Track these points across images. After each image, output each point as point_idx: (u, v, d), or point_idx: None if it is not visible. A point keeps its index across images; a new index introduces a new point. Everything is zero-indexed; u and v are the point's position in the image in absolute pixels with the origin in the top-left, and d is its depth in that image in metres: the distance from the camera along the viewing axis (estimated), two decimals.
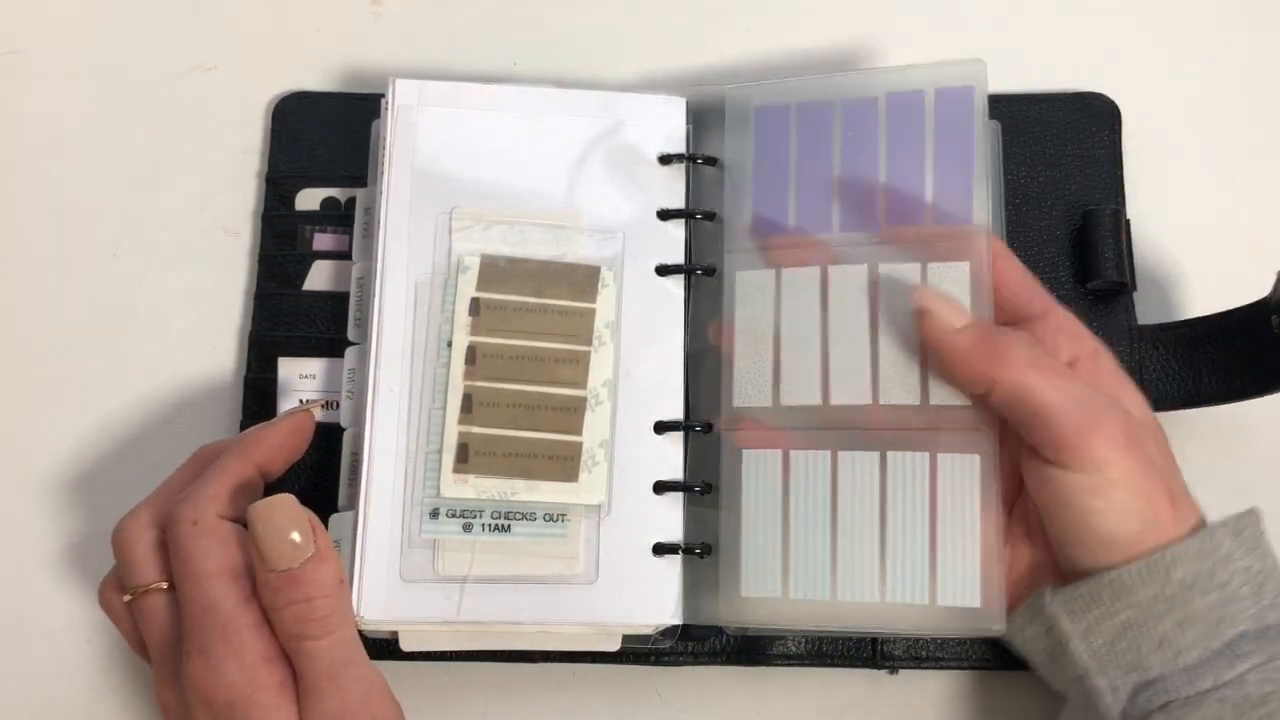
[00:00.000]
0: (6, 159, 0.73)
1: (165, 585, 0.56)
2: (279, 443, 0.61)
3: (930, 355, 0.60)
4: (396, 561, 0.60)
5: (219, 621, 0.54)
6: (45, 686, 0.66)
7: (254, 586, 0.55)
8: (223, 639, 0.54)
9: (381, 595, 0.60)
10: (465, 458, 0.61)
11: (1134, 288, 0.68)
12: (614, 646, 0.62)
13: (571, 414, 0.62)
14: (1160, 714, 0.54)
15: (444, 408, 0.62)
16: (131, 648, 0.59)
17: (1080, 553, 0.57)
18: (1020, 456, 0.59)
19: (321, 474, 0.65)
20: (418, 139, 0.65)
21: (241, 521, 0.56)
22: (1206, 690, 0.54)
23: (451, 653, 0.62)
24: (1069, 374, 0.58)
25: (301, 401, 0.67)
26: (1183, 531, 0.56)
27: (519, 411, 0.62)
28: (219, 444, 0.62)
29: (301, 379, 0.67)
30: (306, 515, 0.55)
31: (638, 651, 0.63)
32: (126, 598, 0.57)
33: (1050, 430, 0.56)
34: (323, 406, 0.65)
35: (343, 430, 0.64)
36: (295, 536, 0.54)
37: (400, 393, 0.62)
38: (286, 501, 0.55)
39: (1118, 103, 0.71)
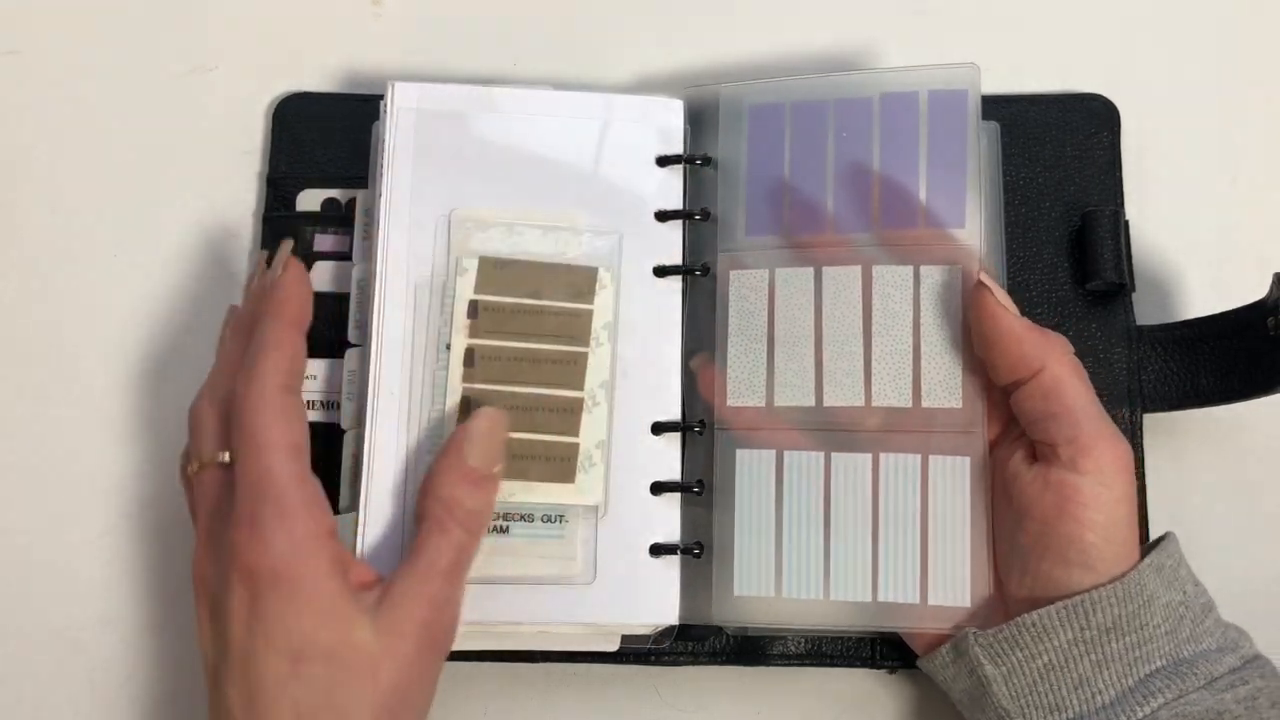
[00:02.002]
0: (6, 159, 0.73)
1: (226, 458, 0.57)
2: (302, 293, 0.61)
3: (981, 331, 0.60)
4: (398, 563, 0.60)
5: (272, 493, 0.54)
6: (46, 686, 0.66)
7: (308, 468, 0.56)
8: (275, 511, 0.54)
9: None
10: None
11: (1133, 289, 0.68)
12: (613, 647, 0.62)
13: (569, 415, 0.62)
14: None
15: (443, 410, 0.62)
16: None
17: (1057, 567, 0.57)
18: (1011, 469, 0.60)
19: (323, 475, 0.64)
20: (416, 142, 0.65)
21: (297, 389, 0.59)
22: None
23: (451, 652, 0.62)
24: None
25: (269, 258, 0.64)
26: (1129, 567, 0.57)
27: (517, 413, 0.62)
28: (248, 309, 0.62)
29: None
30: None
31: (637, 651, 0.64)
32: (194, 467, 0.58)
33: (1077, 429, 0.57)
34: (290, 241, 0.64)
35: (343, 432, 0.64)
36: (500, 451, 0.59)
37: (400, 395, 0.62)
38: (506, 419, 0.60)
39: (1117, 104, 0.71)
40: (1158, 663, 0.56)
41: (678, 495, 0.63)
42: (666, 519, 0.63)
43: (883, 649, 0.65)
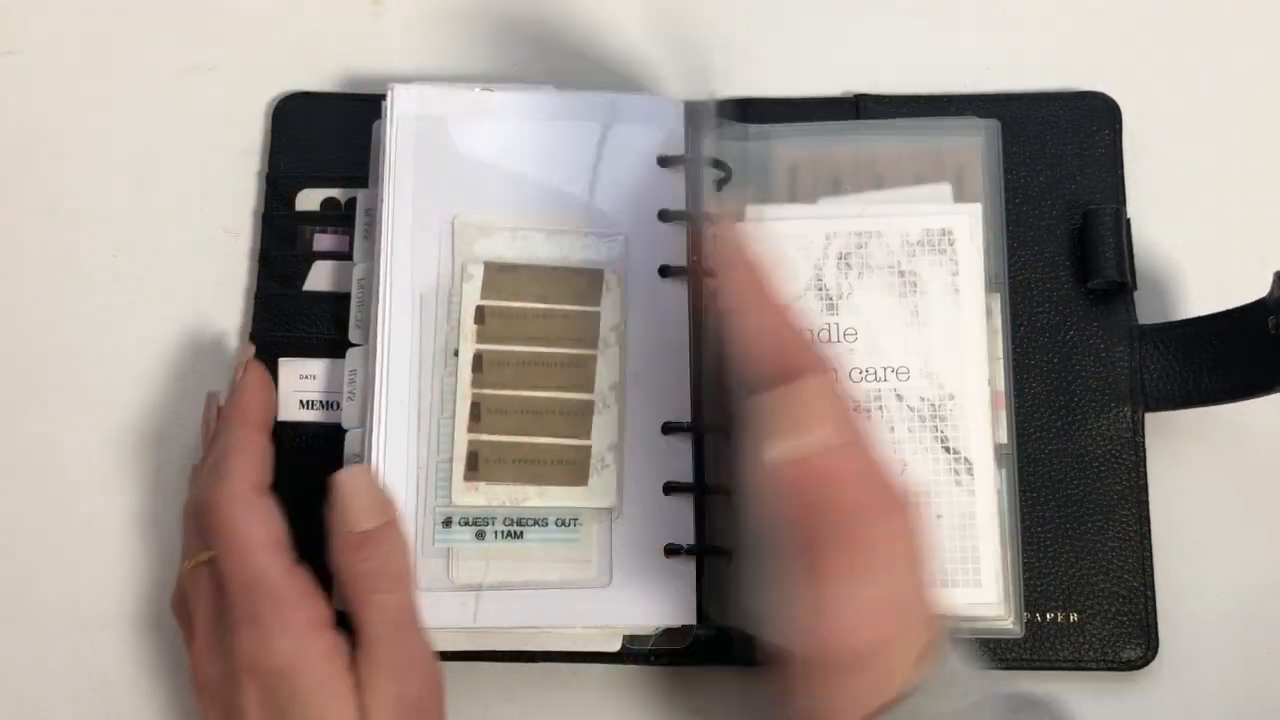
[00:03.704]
0: (6, 159, 0.73)
1: (211, 558, 0.58)
2: (263, 399, 0.64)
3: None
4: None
5: (267, 591, 0.55)
6: (46, 687, 0.66)
7: (294, 558, 0.57)
8: (272, 608, 0.55)
9: None
10: (476, 465, 0.62)
11: (1134, 287, 0.68)
12: (614, 647, 0.63)
13: (579, 418, 0.63)
14: None
15: (453, 417, 0.62)
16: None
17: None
18: None
19: (323, 475, 0.65)
20: (417, 147, 0.65)
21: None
22: None
23: (451, 652, 0.62)
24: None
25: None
26: None
27: (527, 418, 0.62)
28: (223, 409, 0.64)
29: (302, 379, 0.67)
30: (381, 486, 0.59)
31: (637, 651, 0.64)
32: (188, 564, 0.59)
33: None
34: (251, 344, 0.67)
35: (344, 431, 0.64)
36: (374, 503, 0.58)
37: (408, 403, 0.62)
38: (366, 471, 0.60)
39: (1118, 101, 0.71)
40: None
41: (690, 496, 0.63)
42: (679, 520, 0.63)
43: None
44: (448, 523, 0.61)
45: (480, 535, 0.61)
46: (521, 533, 0.61)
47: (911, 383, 0.65)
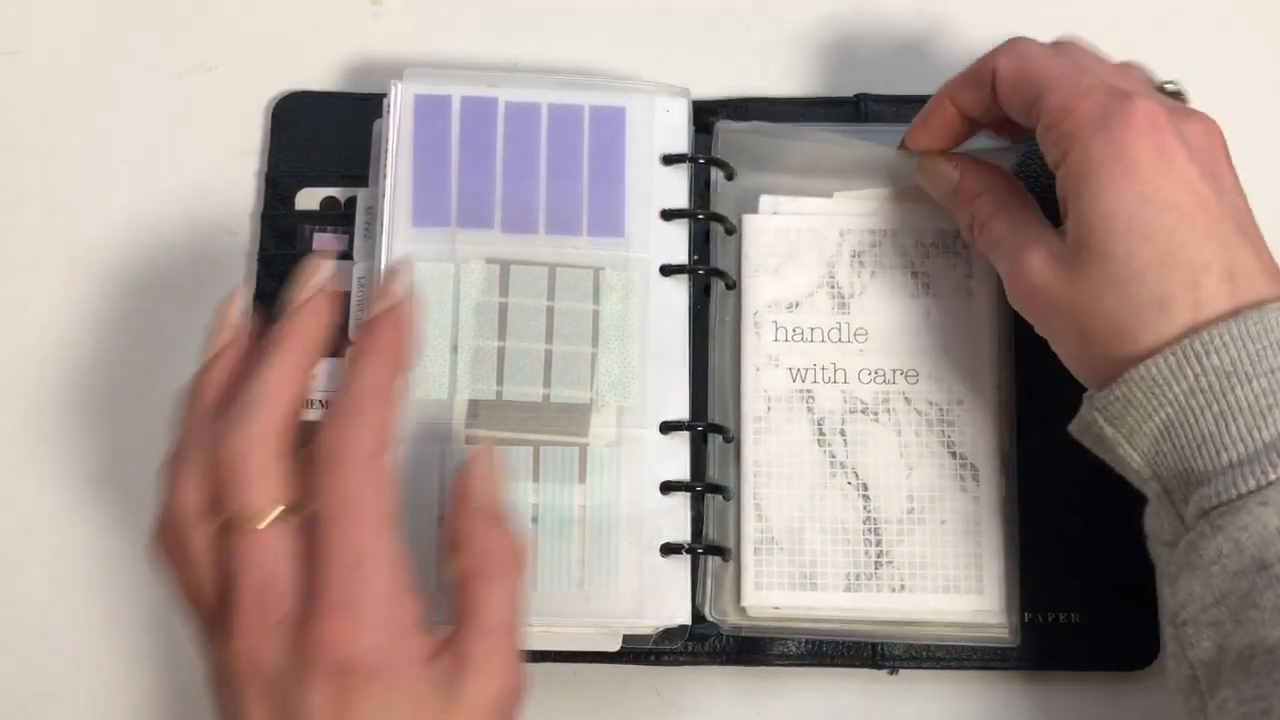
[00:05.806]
0: (6, 159, 0.73)
1: (292, 515, 0.49)
2: (409, 337, 0.54)
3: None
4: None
5: (378, 577, 0.47)
6: (46, 686, 0.66)
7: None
8: (377, 598, 0.47)
9: None
10: None
11: None
12: (614, 647, 0.62)
13: (578, 416, 0.62)
14: (1205, 522, 0.50)
15: (450, 413, 0.62)
16: (180, 593, 0.51)
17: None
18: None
19: None
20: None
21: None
22: (1249, 491, 0.49)
23: None
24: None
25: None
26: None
27: (525, 415, 0.62)
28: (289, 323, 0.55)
29: None
30: None
31: (637, 651, 0.63)
32: (217, 524, 0.49)
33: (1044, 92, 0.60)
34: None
35: None
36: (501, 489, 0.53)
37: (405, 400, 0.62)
38: (498, 451, 0.55)
39: None
40: None
41: (687, 495, 0.63)
42: (676, 518, 0.63)
43: (883, 649, 0.65)
44: (443, 519, 0.61)
45: None
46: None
47: (920, 386, 0.65)
